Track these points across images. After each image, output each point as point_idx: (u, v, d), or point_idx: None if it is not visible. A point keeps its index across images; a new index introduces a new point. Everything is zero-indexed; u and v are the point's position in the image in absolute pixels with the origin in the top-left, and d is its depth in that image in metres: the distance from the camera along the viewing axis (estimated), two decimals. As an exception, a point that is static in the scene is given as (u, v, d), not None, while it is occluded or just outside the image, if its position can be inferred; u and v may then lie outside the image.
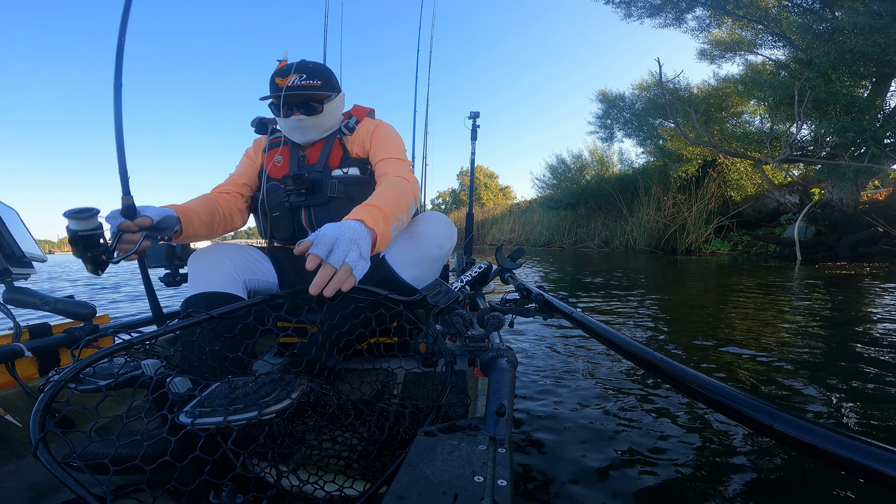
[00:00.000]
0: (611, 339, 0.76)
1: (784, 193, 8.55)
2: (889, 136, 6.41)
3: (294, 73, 1.12)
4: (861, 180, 7.26)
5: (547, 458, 1.11)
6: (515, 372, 0.76)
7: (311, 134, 1.20)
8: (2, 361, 0.93)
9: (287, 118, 1.16)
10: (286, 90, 1.11)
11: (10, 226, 1.00)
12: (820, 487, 0.99)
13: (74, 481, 0.45)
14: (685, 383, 0.55)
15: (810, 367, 1.77)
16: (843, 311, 2.87)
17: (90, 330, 1.07)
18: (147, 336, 0.70)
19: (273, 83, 1.13)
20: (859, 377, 1.66)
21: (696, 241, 9.84)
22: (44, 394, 0.54)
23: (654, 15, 8.78)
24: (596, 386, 1.63)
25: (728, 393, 0.47)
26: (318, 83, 1.14)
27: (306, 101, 1.15)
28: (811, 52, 6.50)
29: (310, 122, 1.17)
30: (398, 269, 1.07)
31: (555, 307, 1.10)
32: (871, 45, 5.73)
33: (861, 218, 7.13)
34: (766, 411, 0.40)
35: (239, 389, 0.66)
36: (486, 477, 0.42)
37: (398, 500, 0.39)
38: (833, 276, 4.79)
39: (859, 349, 2.01)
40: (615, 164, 14.19)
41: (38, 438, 0.48)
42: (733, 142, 8.62)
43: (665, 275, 5.61)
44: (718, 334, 2.38)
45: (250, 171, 1.31)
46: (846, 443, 0.34)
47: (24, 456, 0.86)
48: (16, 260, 1.00)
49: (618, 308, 3.27)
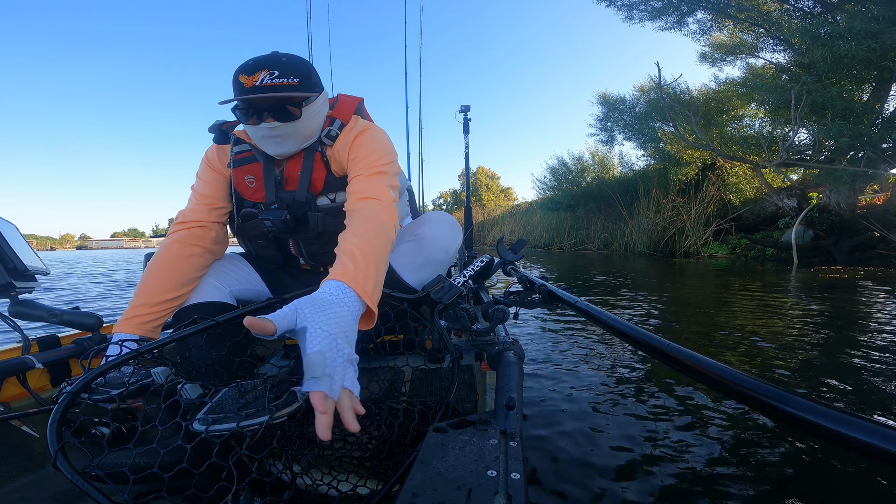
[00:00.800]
0: (615, 327, 0.76)
1: (782, 197, 8.57)
2: (888, 141, 6.39)
3: (263, 69, 0.88)
4: (859, 184, 7.25)
5: (557, 451, 1.12)
6: (523, 364, 0.77)
7: (288, 145, 0.97)
8: (13, 374, 0.94)
9: (256, 125, 0.93)
10: (254, 91, 0.87)
11: (10, 240, 1.01)
12: (844, 477, 1.00)
13: (97, 490, 0.45)
14: (692, 367, 0.55)
15: (799, 369, 1.78)
16: (834, 314, 2.92)
17: (98, 340, 1.07)
18: (154, 344, 0.70)
19: (236, 82, 0.89)
20: (847, 375, 1.67)
21: (694, 244, 9.89)
22: (58, 405, 0.55)
23: (655, 18, 8.74)
24: (603, 376, 1.63)
25: (737, 376, 0.47)
26: (294, 81, 0.90)
27: (280, 103, 0.91)
28: (810, 56, 6.49)
29: (285, 129, 0.93)
30: (402, 273, 1.04)
31: (558, 297, 1.11)
32: (866, 49, 5.74)
33: (858, 222, 7.14)
34: (780, 395, 0.40)
35: (248, 394, 0.66)
36: (499, 471, 0.42)
37: (413, 498, 0.39)
38: (827, 280, 4.86)
39: (848, 351, 2.01)
40: (615, 166, 14.19)
41: (57, 449, 0.49)
42: (732, 146, 8.63)
43: (662, 277, 5.67)
44: (711, 334, 2.41)
45: (221, 189, 1.08)
46: (866, 427, 0.34)
47: (45, 466, 0.88)
48: (19, 274, 1.01)
49: (616, 311, 3.29)
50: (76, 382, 0.60)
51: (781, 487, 0.94)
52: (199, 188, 1.08)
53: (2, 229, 1.01)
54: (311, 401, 0.55)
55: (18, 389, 0.96)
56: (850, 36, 5.79)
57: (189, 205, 1.08)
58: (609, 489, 0.94)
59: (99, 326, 1.08)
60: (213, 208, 1.06)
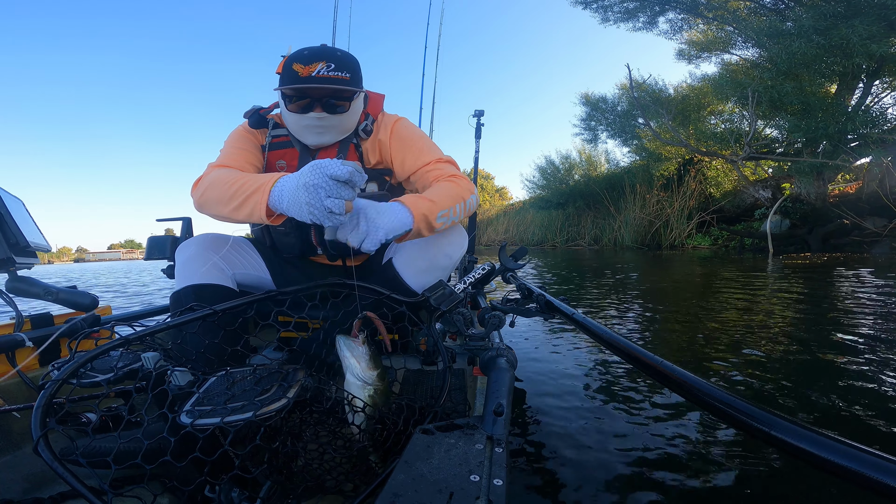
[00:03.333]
0: (611, 342, 0.75)
1: (758, 189, 8.90)
2: (853, 133, 6.63)
3: (320, 60, 0.92)
4: (828, 175, 7.52)
5: (544, 459, 1.11)
6: (515, 372, 0.76)
7: (328, 136, 1.02)
8: (2, 351, 0.93)
9: (303, 115, 0.97)
10: (311, 80, 0.91)
11: (15, 215, 1.01)
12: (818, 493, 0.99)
13: (73, 476, 0.45)
14: (687, 388, 0.54)
15: (748, 349, 1.93)
16: (800, 295, 3.24)
17: (91, 321, 1.07)
18: (144, 332, 0.70)
19: (290, 70, 0.93)
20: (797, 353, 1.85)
21: (678, 236, 10.22)
22: (44, 391, 0.54)
23: (627, 20, 9.03)
24: (595, 387, 1.62)
25: (727, 399, 0.47)
26: (346, 76, 0.94)
27: (331, 96, 0.96)
28: (770, 53, 6.81)
29: (331, 121, 0.98)
30: (405, 275, 1.03)
31: (556, 308, 1.10)
32: (815, 47, 5.96)
33: (831, 211, 7.41)
34: (767, 419, 0.40)
35: (237, 384, 0.66)
36: (483, 476, 0.42)
37: (394, 498, 0.39)
38: (797, 266, 5.24)
39: (804, 327, 2.24)
40: (602, 163, 14.52)
41: (39, 436, 0.48)
42: (708, 141, 8.95)
43: (647, 269, 5.96)
44: (679, 318, 2.63)
45: (257, 152, 1.08)
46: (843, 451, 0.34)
47: (22, 447, 0.86)
48: (20, 249, 1.01)
49: (600, 302, 3.40)
50: (63, 368, 0.59)
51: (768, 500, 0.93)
52: (231, 154, 1.04)
53: (8, 204, 1.01)
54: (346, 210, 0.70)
55: (6, 367, 0.95)
56: (798, 33, 6.06)
57: (222, 157, 1.04)
58: (594, 499, 0.93)
59: (94, 307, 1.08)
60: (249, 162, 1.05)
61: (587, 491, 0.97)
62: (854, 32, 5.62)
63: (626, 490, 0.99)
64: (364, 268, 1.22)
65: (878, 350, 1.78)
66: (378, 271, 1.09)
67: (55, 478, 0.46)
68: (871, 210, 7.02)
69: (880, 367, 1.58)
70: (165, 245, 1.35)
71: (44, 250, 1.09)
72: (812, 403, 1.33)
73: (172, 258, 1.36)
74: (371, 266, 1.19)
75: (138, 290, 5.67)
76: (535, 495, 0.96)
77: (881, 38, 5.68)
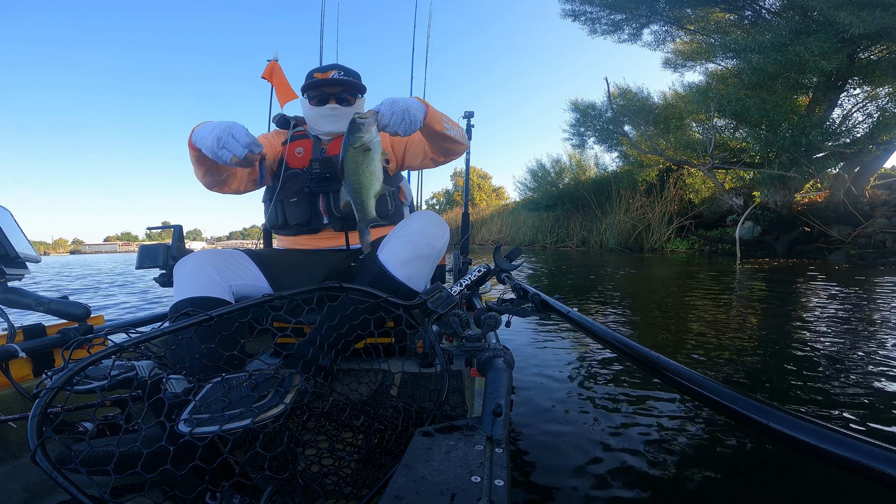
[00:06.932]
0: (607, 339, 0.76)
1: (731, 196, 9.33)
2: (810, 147, 6.90)
3: (333, 69, 1.31)
4: (794, 184, 7.83)
5: (544, 458, 1.11)
6: (512, 372, 0.76)
7: (339, 124, 1.31)
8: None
9: (321, 107, 1.30)
10: (327, 82, 1.29)
11: (3, 226, 1.00)
12: (814, 482, 1.00)
13: (72, 485, 0.44)
14: (682, 381, 0.55)
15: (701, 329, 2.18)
16: (751, 295, 3.72)
17: (84, 331, 1.06)
18: (139, 339, 0.69)
19: (311, 77, 1.31)
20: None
21: (659, 240, 10.64)
22: (39, 400, 0.54)
23: (613, 31, 9.26)
24: (593, 385, 1.63)
25: (721, 392, 0.47)
26: (353, 79, 1.32)
27: (343, 92, 1.31)
28: (738, 68, 7.14)
29: (342, 111, 1.30)
30: (391, 267, 1.08)
31: (551, 307, 1.11)
32: (772, 62, 6.22)
33: (798, 219, 7.82)
34: (762, 410, 0.41)
35: (234, 391, 0.65)
36: (484, 477, 0.42)
37: (395, 501, 0.39)
38: (759, 269, 5.81)
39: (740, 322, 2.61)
40: (591, 168, 14.88)
41: (37, 445, 0.48)
42: (686, 150, 9.27)
43: (628, 268, 6.53)
44: (652, 311, 3.03)
45: (268, 150, 1.32)
46: (843, 441, 0.34)
47: (20, 456, 0.86)
48: (9, 260, 0.99)
49: (587, 295, 3.79)
50: (57, 377, 0.59)
51: (772, 497, 0.95)
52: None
53: (-5, 214, 1.00)
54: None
55: (0, 378, 0.94)
56: (757, 49, 6.30)
57: None
58: (594, 498, 0.94)
59: (86, 317, 1.06)
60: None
61: (587, 490, 0.98)
62: (807, 50, 5.85)
63: (627, 486, 0.99)
64: (360, 261, 1.31)
65: (823, 341, 2.11)
66: (364, 266, 1.17)
67: (55, 487, 0.45)
68: (836, 218, 7.43)
69: (826, 357, 1.86)
70: (157, 254, 1.34)
71: (33, 261, 1.08)
72: (768, 385, 1.61)
73: (164, 266, 1.35)
74: (366, 260, 1.24)
75: (140, 290, 5.61)
76: (536, 495, 0.96)
77: (832, 55, 5.89)
